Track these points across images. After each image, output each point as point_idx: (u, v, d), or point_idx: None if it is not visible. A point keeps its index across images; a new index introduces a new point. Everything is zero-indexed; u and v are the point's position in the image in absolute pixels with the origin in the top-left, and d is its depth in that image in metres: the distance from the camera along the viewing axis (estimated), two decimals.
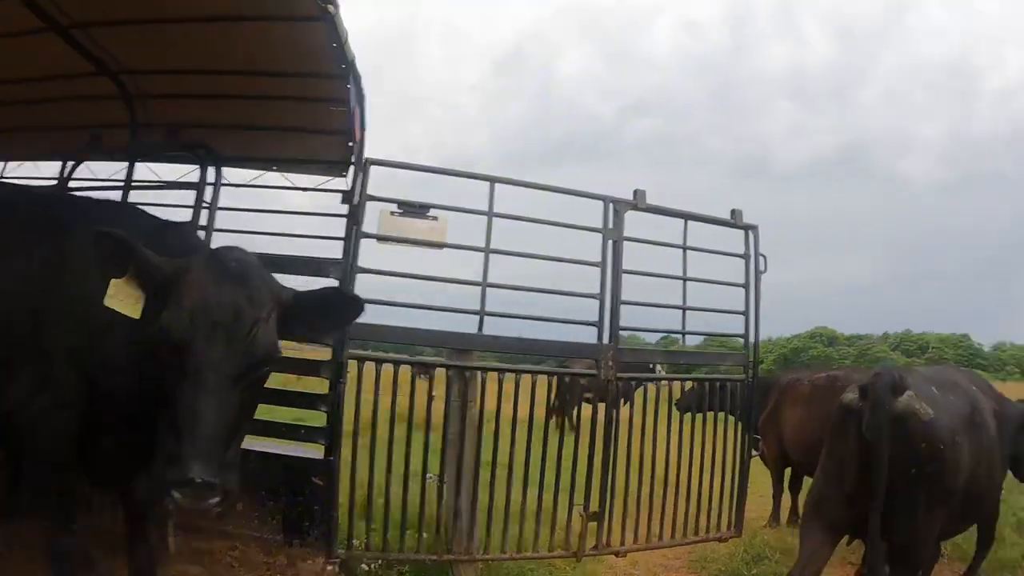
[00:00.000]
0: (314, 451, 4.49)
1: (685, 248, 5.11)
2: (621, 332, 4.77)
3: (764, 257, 5.43)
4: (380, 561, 4.46)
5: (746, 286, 5.36)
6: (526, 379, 4.56)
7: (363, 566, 4.44)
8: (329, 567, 4.22)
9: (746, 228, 5.42)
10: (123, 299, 2.44)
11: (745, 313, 5.35)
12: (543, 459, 4.57)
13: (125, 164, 5.09)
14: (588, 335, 4.69)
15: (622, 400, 4.99)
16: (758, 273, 5.40)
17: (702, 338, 6.33)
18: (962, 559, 6.02)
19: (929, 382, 4.10)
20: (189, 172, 5.08)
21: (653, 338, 5.54)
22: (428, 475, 4.48)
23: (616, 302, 4.73)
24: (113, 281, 2.43)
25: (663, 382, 5.69)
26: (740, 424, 5.47)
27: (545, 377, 4.65)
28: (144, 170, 5.14)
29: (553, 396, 5.92)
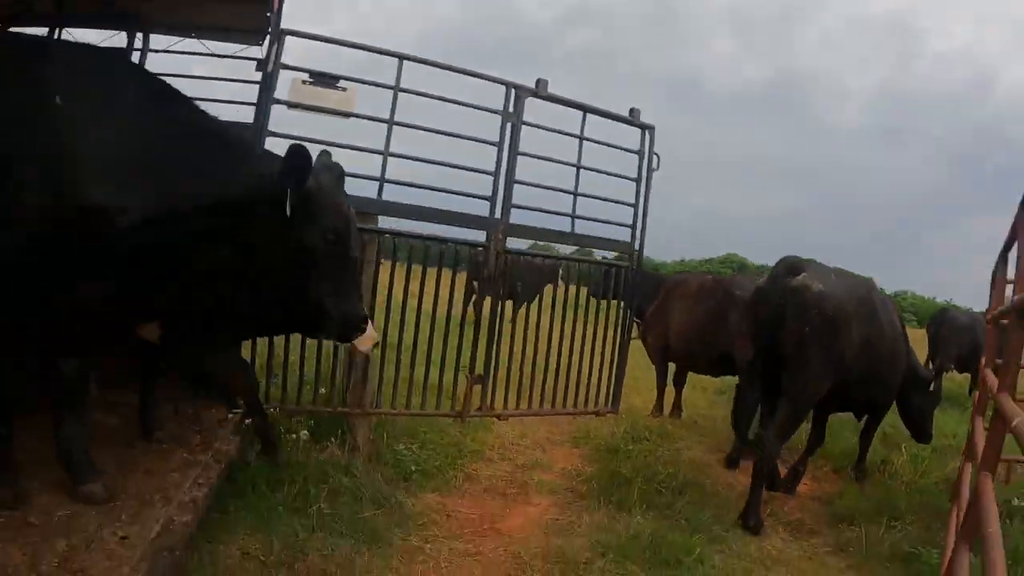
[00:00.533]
0: None
1: (581, 138, 5.38)
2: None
3: (657, 156, 5.77)
4: (277, 409, 4.75)
5: (638, 181, 5.70)
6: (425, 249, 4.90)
7: None
8: (231, 415, 4.44)
9: (643, 127, 5.73)
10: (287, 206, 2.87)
11: (635, 205, 5.71)
12: (432, 326, 4.89)
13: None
14: (483, 210, 5.00)
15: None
16: (650, 170, 5.75)
17: None
18: (825, 456, 6.72)
19: (830, 272, 4.87)
20: (111, 36, 5.09)
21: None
22: None
23: (510, 180, 5.01)
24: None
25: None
26: (622, 308, 5.89)
27: (438, 245, 4.94)
28: (65, 35, 5.07)
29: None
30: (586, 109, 5.40)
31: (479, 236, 5.10)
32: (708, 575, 3.91)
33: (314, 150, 4.47)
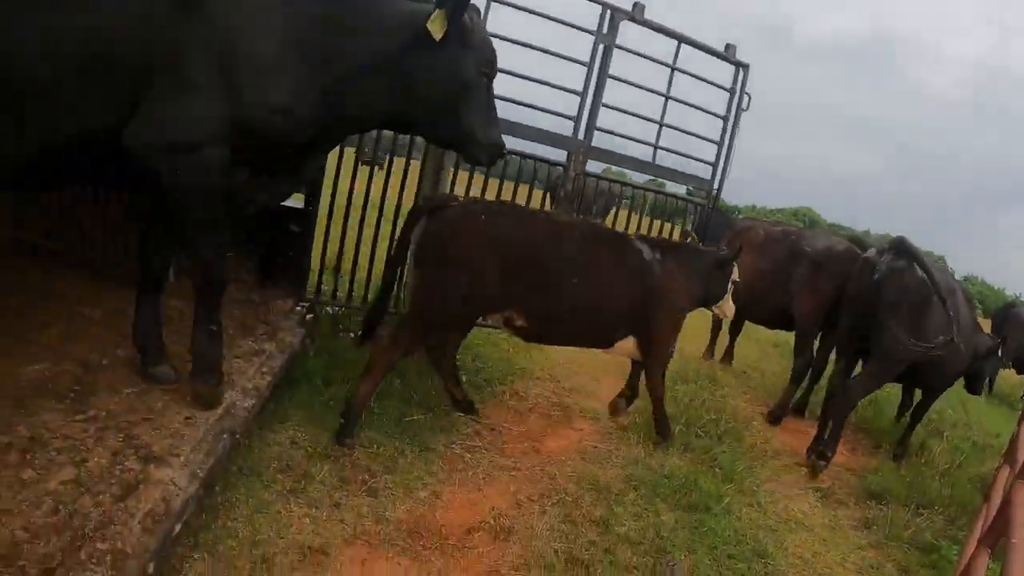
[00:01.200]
0: (294, 200, 4.63)
1: (673, 68, 5.22)
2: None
3: (749, 96, 5.58)
4: (342, 308, 4.89)
5: (726, 118, 5.54)
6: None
7: (328, 310, 4.87)
8: (298, 307, 4.57)
9: (738, 64, 5.52)
10: (439, 27, 2.99)
11: (719, 143, 5.55)
12: None
13: None
14: (566, 129, 4.93)
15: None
16: (740, 109, 5.56)
17: None
18: (866, 430, 6.75)
19: (931, 261, 5.17)
20: None
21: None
22: None
23: (597, 102, 4.91)
24: (439, 11, 2.97)
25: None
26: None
27: (518, 160, 4.92)
28: None
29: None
30: (681, 39, 5.21)
31: (559, 155, 5.05)
32: (733, 526, 3.96)
33: None
